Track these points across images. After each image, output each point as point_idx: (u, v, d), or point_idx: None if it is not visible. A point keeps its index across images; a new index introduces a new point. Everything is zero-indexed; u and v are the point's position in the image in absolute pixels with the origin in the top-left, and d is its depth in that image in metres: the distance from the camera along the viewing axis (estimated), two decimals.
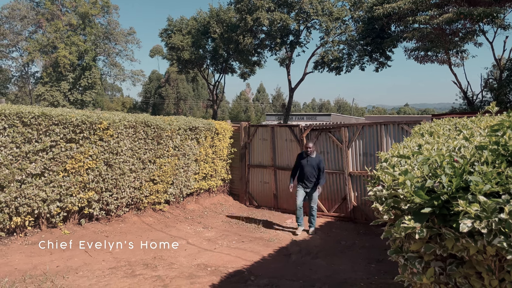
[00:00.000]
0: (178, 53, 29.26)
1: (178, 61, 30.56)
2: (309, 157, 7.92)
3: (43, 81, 37.55)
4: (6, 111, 5.66)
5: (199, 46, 29.52)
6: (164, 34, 30.69)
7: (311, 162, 7.90)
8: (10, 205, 5.81)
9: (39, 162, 6.14)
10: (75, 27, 37.67)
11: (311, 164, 7.89)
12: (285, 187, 9.84)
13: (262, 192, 10.34)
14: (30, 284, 4.75)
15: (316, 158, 7.95)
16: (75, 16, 37.56)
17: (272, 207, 10.03)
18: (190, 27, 29.57)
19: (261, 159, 10.38)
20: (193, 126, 9.34)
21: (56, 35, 36.13)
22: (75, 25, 37.26)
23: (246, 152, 10.65)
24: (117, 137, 7.35)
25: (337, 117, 40.87)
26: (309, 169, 7.91)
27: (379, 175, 1.83)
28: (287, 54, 27.00)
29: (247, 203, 10.58)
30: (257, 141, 10.45)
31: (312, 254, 6.67)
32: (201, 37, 29.14)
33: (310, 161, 7.90)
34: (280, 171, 9.93)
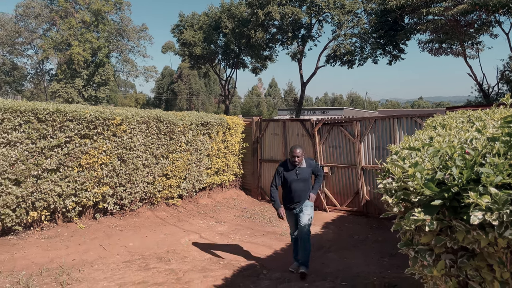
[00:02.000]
0: (190, 48, 29.33)
1: (190, 56, 30.65)
2: (297, 168, 5.47)
3: (58, 78, 38.07)
4: (22, 108, 5.76)
5: (210, 42, 29.54)
6: (176, 30, 30.79)
7: (302, 175, 5.48)
8: (27, 200, 5.93)
9: (54, 158, 6.25)
10: (88, 24, 38.03)
11: (302, 177, 5.47)
12: None
13: None
14: (47, 277, 4.86)
15: (308, 166, 5.57)
16: (88, 13, 37.90)
17: None
18: (202, 23, 29.61)
19: (272, 153, 10.38)
20: (205, 121, 9.38)
21: (70, 32, 36.54)
22: (88, 22, 37.61)
23: (258, 147, 10.66)
24: (130, 133, 7.43)
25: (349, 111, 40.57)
26: (300, 186, 5.47)
27: (389, 168, 1.82)
28: (298, 48, 26.85)
29: (259, 198, 10.60)
30: (268, 136, 10.45)
31: (324, 248, 6.67)
32: (212, 33, 29.16)
33: (301, 173, 5.47)
34: None
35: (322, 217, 8.74)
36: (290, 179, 5.46)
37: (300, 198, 5.50)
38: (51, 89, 38.63)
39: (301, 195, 5.50)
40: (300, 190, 5.48)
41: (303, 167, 5.48)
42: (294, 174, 5.45)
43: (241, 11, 27.23)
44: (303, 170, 5.49)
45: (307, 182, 5.54)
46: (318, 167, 5.77)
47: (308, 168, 5.54)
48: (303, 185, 5.49)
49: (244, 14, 27.02)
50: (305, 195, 5.52)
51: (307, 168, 5.53)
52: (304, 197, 5.52)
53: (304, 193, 5.51)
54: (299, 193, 5.48)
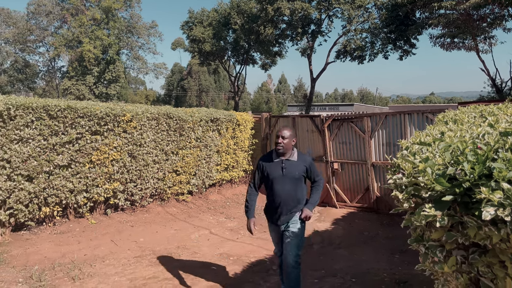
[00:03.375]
0: (199, 45, 29.39)
1: (199, 53, 30.71)
2: (284, 161, 3.88)
3: (69, 75, 38.45)
4: (34, 105, 5.83)
5: (220, 38, 29.55)
6: (186, 27, 30.85)
7: (290, 170, 3.86)
8: (39, 196, 6.01)
9: (66, 154, 6.31)
10: (99, 22, 38.29)
11: (290, 175, 3.85)
12: None
13: None
14: (59, 272, 4.93)
15: (301, 161, 3.91)
16: (99, 11, 38.15)
17: None
18: (211, 19, 29.61)
19: None
20: (215, 118, 9.40)
21: (81, 29, 36.84)
22: (99, 19, 37.86)
23: (267, 143, 10.65)
24: (141, 129, 7.48)
25: (360, 107, 40.31)
26: (286, 188, 3.85)
27: (399, 163, 1.80)
28: (308, 44, 26.72)
29: None
30: None
31: (334, 245, 6.65)
32: (222, 29, 29.16)
33: (288, 168, 3.86)
34: None
35: (332, 213, 8.71)
36: (272, 175, 3.83)
37: (286, 208, 3.84)
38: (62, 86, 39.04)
39: (289, 203, 3.83)
40: (287, 195, 3.80)
41: (293, 160, 3.83)
42: (279, 168, 3.82)
43: (251, 7, 27.17)
44: (293, 164, 3.82)
45: (298, 185, 3.84)
46: (316, 168, 3.99)
47: (300, 163, 3.85)
48: (292, 187, 3.80)
49: (253, 10, 26.95)
50: (294, 204, 3.84)
51: (298, 163, 3.84)
52: (293, 207, 3.84)
53: (294, 201, 3.83)
54: (286, 200, 3.81)
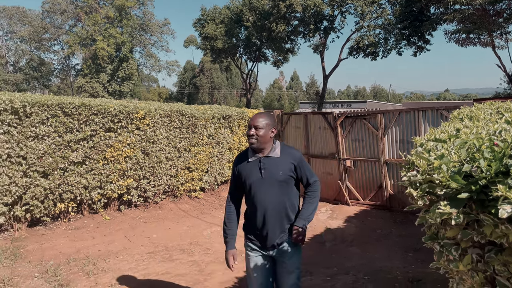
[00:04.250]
0: (211, 42, 29.45)
1: (211, 50, 30.78)
2: (263, 159, 2.82)
3: (83, 73, 38.91)
4: (49, 102, 5.91)
5: (232, 35, 29.56)
6: (198, 24, 30.94)
7: (271, 171, 2.80)
8: (54, 192, 6.11)
9: (80, 151, 6.40)
10: (112, 20, 38.63)
11: (271, 176, 2.79)
12: (319, 175, 9.75)
13: None
14: (74, 267, 5.00)
15: (286, 157, 2.84)
16: (112, 9, 38.48)
17: None
18: (223, 16, 29.64)
19: (294, 147, 10.33)
20: (227, 115, 9.42)
21: (95, 28, 37.22)
22: (112, 17, 38.20)
23: (279, 140, 10.63)
24: (153, 126, 7.53)
25: (373, 104, 39.97)
26: (269, 196, 2.78)
27: (414, 160, 1.78)
28: (321, 41, 26.56)
29: None
30: (290, 129, 10.41)
31: (346, 242, 6.62)
32: (234, 26, 29.16)
33: (269, 168, 2.80)
34: (314, 159, 9.86)
35: (345, 211, 8.67)
36: (249, 180, 2.80)
37: (275, 225, 2.78)
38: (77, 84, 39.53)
39: (277, 218, 2.78)
40: (273, 205, 2.76)
41: (274, 157, 2.79)
42: (256, 169, 2.79)
43: (263, 3, 27.10)
44: (274, 162, 2.78)
45: (286, 190, 2.79)
46: (308, 166, 2.91)
47: (285, 160, 2.79)
48: (277, 193, 2.76)
49: (265, 7, 26.87)
50: (287, 219, 2.81)
51: (282, 160, 2.78)
52: (280, 224, 2.79)
53: (284, 215, 2.80)
54: (272, 212, 2.76)
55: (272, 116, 2.91)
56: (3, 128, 5.45)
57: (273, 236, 2.80)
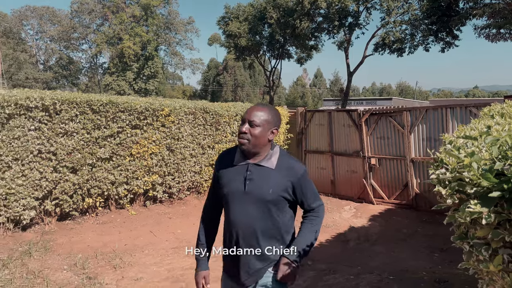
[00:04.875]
0: (235, 40, 29.54)
1: (235, 48, 30.88)
2: (253, 167, 2.12)
3: (110, 71, 39.76)
4: (78, 99, 6.07)
5: (255, 33, 29.57)
6: (222, 22, 31.08)
7: (258, 184, 2.09)
8: (83, 187, 6.27)
9: (108, 147, 6.54)
10: (138, 19, 39.28)
11: (256, 192, 2.08)
12: (343, 173, 9.68)
13: (319, 178, 10.25)
14: (101, 260, 5.13)
15: (283, 169, 2.12)
16: (138, 8, 39.11)
17: (330, 193, 9.92)
18: (247, 14, 29.67)
19: (317, 144, 10.27)
20: None
21: (121, 27, 37.94)
22: (138, 16, 38.84)
23: (302, 138, 10.59)
24: (178, 123, 7.63)
25: (398, 101, 39.21)
26: (250, 214, 2.09)
27: (443, 158, 1.74)
28: (345, 37, 26.24)
29: None
30: (313, 127, 10.34)
31: (370, 241, 6.54)
32: (257, 23, 29.15)
33: (257, 180, 2.09)
34: (338, 156, 9.77)
35: (369, 209, 8.56)
36: (228, 189, 2.17)
37: (251, 255, 2.12)
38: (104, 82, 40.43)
39: (255, 246, 2.12)
40: (252, 230, 2.11)
41: (266, 168, 2.13)
42: (240, 178, 2.14)
43: (286, 0, 26.97)
44: (266, 174, 2.12)
45: (273, 214, 2.12)
46: (312, 186, 2.26)
47: (281, 175, 2.12)
48: (259, 217, 2.11)
49: (289, 4, 26.74)
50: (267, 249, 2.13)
51: (277, 174, 2.12)
52: (264, 253, 2.12)
53: (264, 243, 2.12)
54: (249, 238, 2.12)
55: (275, 111, 2.18)
56: (34, 124, 5.63)
57: (247, 269, 2.13)
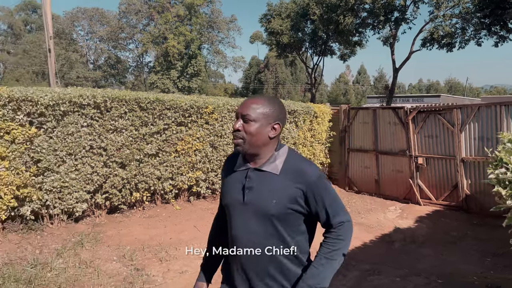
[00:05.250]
0: (277, 37, 29.46)
1: (277, 45, 30.81)
2: (253, 172, 1.76)
3: (155, 70, 40.95)
4: (127, 97, 6.30)
5: (298, 29, 29.35)
6: (264, 20, 31.10)
7: (258, 193, 1.72)
8: (131, 182, 6.51)
9: (154, 144, 6.75)
10: (182, 18, 40.14)
11: (256, 203, 1.72)
12: (388, 172, 9.42)
13: (362, 177, 10.04)
14: (148, 253, 5.31)
15: (290, 174, 1.71)
16: (182, 7, 39.97)
17: (374, 193, 9.69)
18: (289, 11, 29.50)
19: (361, 143, 10.05)
20: (292, 110, 9.39)
21: (166, 26, 38.95)
22: (182, 16, 39.69)
23: (345, 136, 10.40)
24: (221, 121, 7.73)
25: (447, 99, 37.59)
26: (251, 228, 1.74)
27: (502, 157, 1.65)
28: (391, 32, 25.47)
29: (347, 188, 10.37)
30: (357, 125, 10.13)
31: (417, 243, 6.33)
32: (300, 20, 28.91)
33: (257, 188, 1.73)
34: (382, 155, 9.51)
35: (415, 210, 8.28)
36: (226, 200, 1.88)
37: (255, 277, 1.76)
38: (149, 80, 41.71)
39: (258, 268, 1.75)
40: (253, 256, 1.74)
41: (269, 173, 1.74)
42: (239, 186, 1.80)
43: None
44: (268, 181, 1.73)
45: (280, 231, 1.73)
46: (332, 195, 1.75)
47: (287, 180, 1.71)
48: (262, 234, 1.73)
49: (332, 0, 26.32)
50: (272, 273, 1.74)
51: (282, 180, 1.72)
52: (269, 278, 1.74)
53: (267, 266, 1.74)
54: (249, 262, 1.76)
55: (276, 102, 1.78)
56: (86, 121, 5.91)
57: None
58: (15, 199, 5.29)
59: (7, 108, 5.17)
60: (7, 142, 5.21)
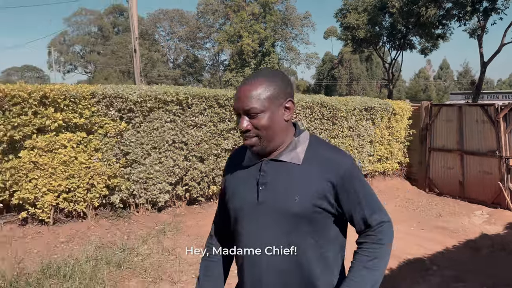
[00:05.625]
0: (352, 32, 28.71)
1: (352, 40, 30.02)
2: (268, 165, 1.40)
3: (230, 68, 42.02)
4: (206, 94, 6.57)
5: (375, 23, 28.32)
6: (339, 14, 30.44)
7: (277, 190, 1.37)
8: (209, 175, 6.79)
9: (231, 139, 6.96)
10: (257, 16, 40.70)
11: (275, 200, 1.36)
12: (474, 174, 8.76)
13: (445, 178, 9.44)
14: None
15: (316, 164, 1.37)
16: (257, 6, 40.53)
17: (457, 196, 9.06)
18: (366, 4, 28.55)
19: (444, 142, 9.44)
20: (369, 106, 9.12)
21: (241, 25, 39.75)
22: (257, 14, 40.24)
23: (426, 134, 9.84)
24: (295, 117, 7.73)
25: None
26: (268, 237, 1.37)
27: None
28: (479, 24, 23.54)
29: (427, 190, 9.82)
30: (440, 122, 9.53)
31: (507, 251, 5.82)
32: (377, 13, 27.86)
33: (274, 184, 1.37)
34: (468, 156, 8.86)
35: (505, 216, 7.60)
36: (234, 204, 1.49)
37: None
38: (224, 78, 42.93)
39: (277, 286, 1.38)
40: (274, 270, 1.38)
41: (288, 163, 1.39)
42: (251, 184, 1.43)
43: None
44: (288, 174, 1.38)
45: (306, 236, 1.37)
46: (368, 188, 1.42)
47: (313, 171, 1.37)
48: (284, 240, 1.37)
49: None
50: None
51: (307, 171, 1.37)
52: None
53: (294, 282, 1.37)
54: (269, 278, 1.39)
55: (274, 75, 1.41)
56: (170, 117, 6.26)
57: None
58: (106, 188, 5.79)
59: (101, 104, 5.66)
60: (101, 136, 5.71)
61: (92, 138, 5.63)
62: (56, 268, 4.30)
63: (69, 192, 5.46)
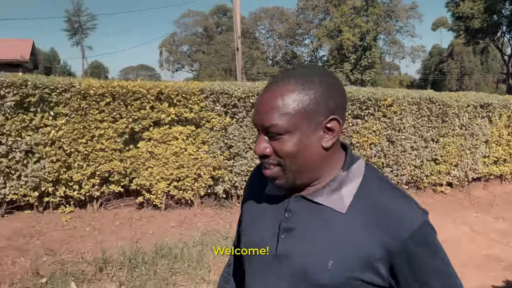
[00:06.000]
0: (466, 22, 26.32)
1: (466, 31, 27.56)
2: (297, 202, 0.95)
3: (329, 64, 41.49)
4: None
5: (493, 12, 25.61)
6: (451, 3, 28.13)
7: (303, 244, 0.91)
8: None
9: None
10: (359, 9, 39.49)
11: (300, 259, 0.90)
12: None
13: None
14: None
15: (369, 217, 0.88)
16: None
17: None
18: None
19: None
20: (485, 103, 8.30)
21: (342, 19, 38.96)
22: (359, 7, 39.04)
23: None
24: (400, 114, 7.37)
25: None
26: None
27: None
28: None
29: None
30: None
31: None
32: (496, 1, 25.14)
33: (305, 234, 0.92)
34: None
35: None
36: (250, 244, 1.04)
37: None
38: None
39: None
40: None
41: (327, 208, 0.92)
42: (271, 225, 0.99)
43: None
44: (325, 221, 0.92)
45: None
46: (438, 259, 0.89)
47: (360, 226, 0.89)
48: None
49: None
50: None
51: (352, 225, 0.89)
52: None
53: None
54: None
55: (315, 75, 0.93)
56: None
57: None
58: (211, 178, 6.16)
59: (209, 100, 6.03)
60: (208, 129, 6.09)
61: (200, 132, 6.03)
62: (168, 250, 4.72)
63: (179, 181, 5.93)
